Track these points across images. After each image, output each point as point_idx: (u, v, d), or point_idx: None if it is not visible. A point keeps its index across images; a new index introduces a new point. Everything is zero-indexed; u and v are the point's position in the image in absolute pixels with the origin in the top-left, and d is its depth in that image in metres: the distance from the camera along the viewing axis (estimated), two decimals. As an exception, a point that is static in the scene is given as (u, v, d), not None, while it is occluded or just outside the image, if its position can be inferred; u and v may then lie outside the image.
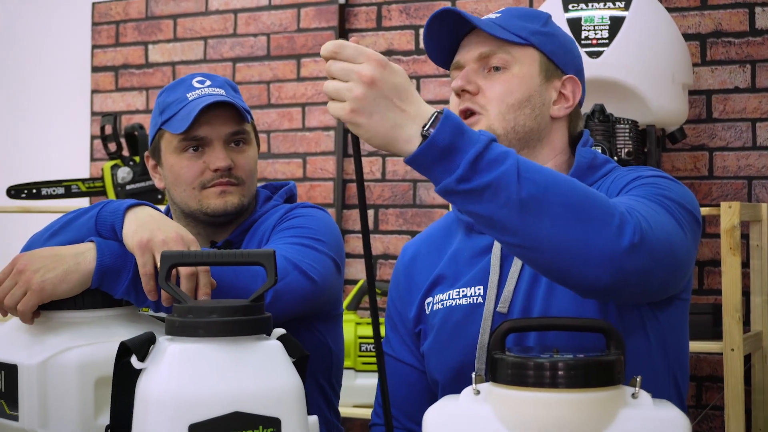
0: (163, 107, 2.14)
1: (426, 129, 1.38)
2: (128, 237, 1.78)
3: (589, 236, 1.42)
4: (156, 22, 4.35)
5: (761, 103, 3.44)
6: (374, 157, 3.94)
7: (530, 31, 1.81)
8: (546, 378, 1.37)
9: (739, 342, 2.93)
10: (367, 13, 4.00)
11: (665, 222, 1.56)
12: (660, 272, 1.53)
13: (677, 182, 1.72)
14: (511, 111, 1.79)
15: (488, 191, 1.38)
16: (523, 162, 1.41)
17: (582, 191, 1.44)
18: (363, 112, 1.38)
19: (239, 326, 1.49)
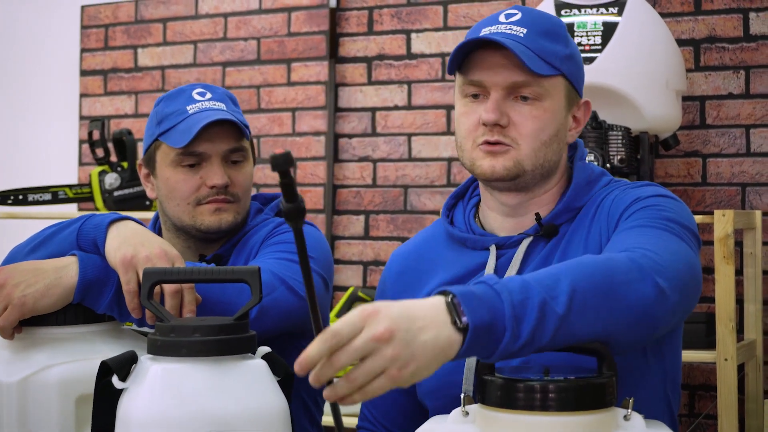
0: (161, 117, 2.10)
1: (457, 321, 1.30)
2: (111, 253, 1.76)
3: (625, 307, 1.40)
4: (145, 26, 4.32)
5: (755, 109, 3.41)
6: (365, 163, 3.92)
7: (560, 58, 1.73)
8: (536, 400, 1.35)
9: (733, 352, 2.90)
10: (358, 17, 3.97)
11: (675, 248, 1.55)
12: (690, 297, 1.54)
13: (674, 198, 1.70)
14: (542, 148, 1.73)
15: (538, 331, 1.34)
16: (543, 279, 1.37)
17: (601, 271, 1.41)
18: (407, 362, 1.26)
19: (223, 345, 1.48)
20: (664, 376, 1.72)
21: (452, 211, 1.88)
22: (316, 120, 4.01)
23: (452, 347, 1.29)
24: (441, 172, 3.81)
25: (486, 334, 1.31)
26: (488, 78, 1.72)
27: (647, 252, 1.48)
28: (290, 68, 4.07)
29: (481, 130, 1.73)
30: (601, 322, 1.39)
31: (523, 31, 1.72)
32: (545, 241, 1.75)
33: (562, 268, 1.41)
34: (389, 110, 3.90)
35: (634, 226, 1.61)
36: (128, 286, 1.72)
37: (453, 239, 1.84)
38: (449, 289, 1.32)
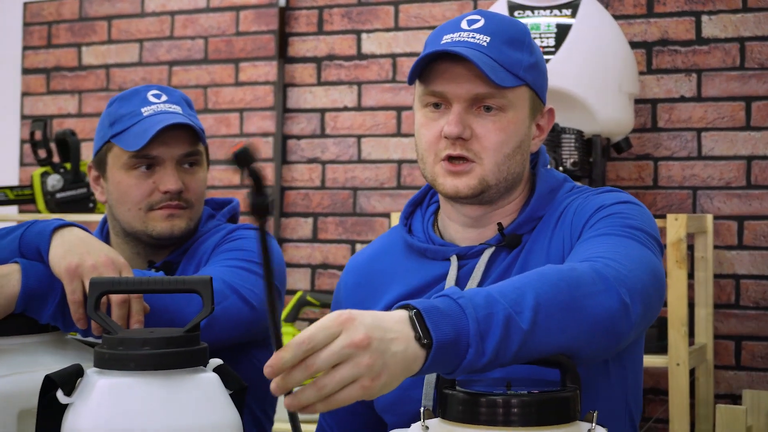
0: (114, 119, 2.04)
1: (421, 337, 1.25)
2: (56, 262, 1.70)
3: (589, 319, 1.38)
4: (90, 24, 4.25)
5: (707, 112, 3.42)
6: (314, 164, 3.87)
7: (525, 67, 1.68)
8: (499, 415, 1.31)
9: (685, 357, 2.90)
10: (308, 16, 3.93)
11: (639, 255, 1.52)
12: (654, 307, 1.53)
13: (637, 203, 1.67)
14: (505, 161, 1.69)
15: (502, 348, 1.31)
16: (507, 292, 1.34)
17: (565, 283, 1.38)
18: (379, 372, 1.22)
19: (173, 359, 1.42)
20: (625, 387, 1.70)
21: (410, 219, 1.83)
22: (265, 121, 3.97)
23: (416, 362, 1.26)
24: (391, 174, 3.78)
25: (450, 351, 1.27)
26: (450, 90, 1.67)
27: (611, 262, 1.45)
28: (238, 68, 4.02)
29: (443, 144, 1.68)
30: (566, 335, 1.36)
31: (487, 39, 1.67)
32: (507, 251, 1.71)
33: (526, 280, 1.37)
34: (339, 111, 3.87)
35: (598, 234, 1.58)
36: (73, 296, 1.67)
37: (411, 249, 1.79)
38: (412, 303, 1.28)
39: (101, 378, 1.41)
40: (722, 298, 3.38)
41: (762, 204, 3.35)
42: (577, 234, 1.64)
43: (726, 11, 3.40)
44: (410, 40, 3.78)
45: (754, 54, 3.37)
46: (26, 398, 1.56)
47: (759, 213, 3.35)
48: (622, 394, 1.69)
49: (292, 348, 1.20)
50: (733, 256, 3.37)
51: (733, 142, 3.39)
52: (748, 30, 3.38)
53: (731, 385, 3.37)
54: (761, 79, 3.36)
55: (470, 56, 1.62)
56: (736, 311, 3.37)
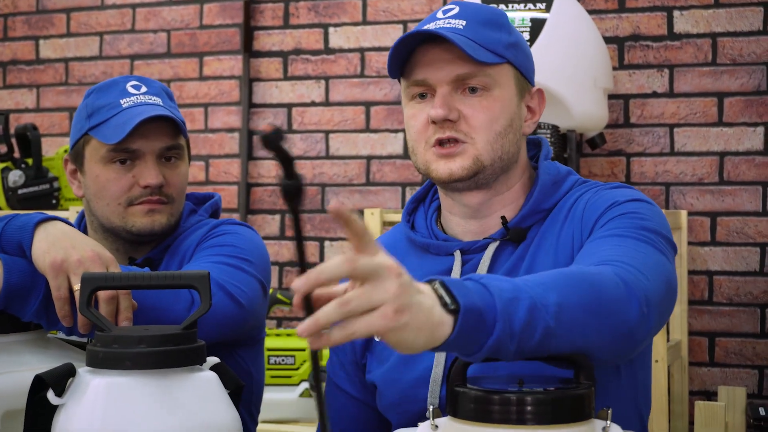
0: (91, 110, 1.97)
1: (448, 303, 1.20)
2: (39, 257, 1.65)
3: (610, 326, 1.36)
4: (48, 16, 4.18)
5: (679, 108, 3.42)
6: (281, 160, 3.82)
7: (504, 45, 1.66)
8: (512, 414, 1.27)
9: (664, 354, 2.89)
10: (273, 10, 3.89)
11: (656, 263, 1.50)
12: (667, 314, 1.52)
13: (649, 202, 1.64)
14: (498, 140, 1.66)
15: (527, 332, 1.26)
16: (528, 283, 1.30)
17: (588, 285, 1.35)
18: (404, 308, 1.13)
19: (171, 357, 1.39)
20: (636, 388, 1.68)
21: (413, 215, 1.79)
22: (230, 116, 3.92)
23: (443, 327, 1.18)
24: (360, 170, 3.75)
25: (476, 321, 1.21)
26: (432, 75, 1.65)
27: (632, 269, 1.43)
28: (202, 62, 3.97)
29: (431, 129, 1.66)
30: (585, 336, 1.33)
31: (463, 23, 1.65)
32: (513, 246, 1.67)
33: (549, 277, 1.34)
34: (306, 106, 3.83)
35: (613, 234, 1.55)
36: (59, 293, 1.61)
37: (415, 245, 1.75)
38: (434, 278, 1.23)
39: (95, 378, 1.37)
40: (696, 294, 3.39)
41: (735, 200, 3.36)
42: (588, 230, 1.60)
43: (697, 6, 3.41)
44: (378, 34, 3.75)
45: (726, 49, 3.38)
46: (11, 399, 1.52)
47: (732, 209, 3.36)
48: (632, 394, 1.67)
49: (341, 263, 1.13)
50: (706, 252, 3.38)
51: (706, 138, 3.39)
52: (719, 25, 3.39)
53: (705, 381, 3.38)
54: (733, 75, 3.37)
55: (447, 35, 1.60)
56: (709, 307, 3.38)
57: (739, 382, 3.32)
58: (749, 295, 3.34)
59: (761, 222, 3.33)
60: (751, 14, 3.36)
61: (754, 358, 3.34)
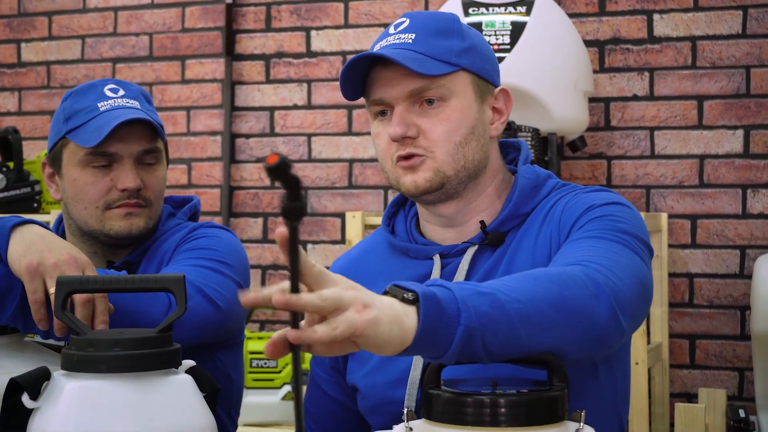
0: (69, 114, 1.97)
1: (404, 296, 1.23)
2: (15, 260, 1.64)
3: (578, 326, 1.37)
4: (29, 19, 4.18)
5: (659, 111, 3.45)
6: (263, 163, 3.82)
7: (456, 53, 1.66)
8: (486, 416, 1.28)
9: (644, 356, 2.91)
10: (255, 13, 3.90)
11: (630, 264, 1.51)
12: (641, 315, 1.52)
13: (627, 205, 1.65)
14: (459, 150, 1.66)
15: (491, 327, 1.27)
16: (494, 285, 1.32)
17: (557, 285, 1.36)
18: (369, 303, 1.18)
19: (146, 360, 1.38)
20: (615, 390, 1.69)
21: (393, 220, 1.80)
22: (212, 119, 3.93)
23: (409, 317, 1.21)
24: (342, 173, 3.76)
25: (438, 310, 1.23)
26: (387, 93, 1.67)
27: (603, 269, 1.43)
28: (185, 65, 3.98)
29: (394, 147, 1.68)
30: (554, 334, 1.34)
31: (412, 36, 1.67)
32: (491, 250, 1.68)
33: (515, 279, 1.36)
34: (288, 110, 3.84)
35: (588, 236, 1.55)
36: (35, 296, 1.61)
37: (395, 249, 1.76)
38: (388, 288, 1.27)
39: (70, 381, 1.36)
40: (676, 296, 3.41)
41: (715, 203, 3.38)
42: (565, 233, 1.61)
43: (677, 10, 3.43)
44: (360, 37, 3.77)
45: (705, 53, 3.40)
46: None
47: (712, 212, 3.39)
48: (611, 395, 1.68)
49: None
50: (686, 254, 3.41)
51: (686, 141, 3.42)
52: (699, 29, 3.41)
53: (686, 383, 3.40)
54: (713, 78, 3.39)
55: (391, 55, 1.62)
56: (690, 310, 3.40)
57: (719, 384, 3.35)
58: (729, 297, 3.37)
59: (741, 224, 3.36)
60: (731, 18, 3.38)
61: (735, 360, 3.36)
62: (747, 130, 3.36)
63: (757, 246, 3.34)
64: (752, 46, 3.36)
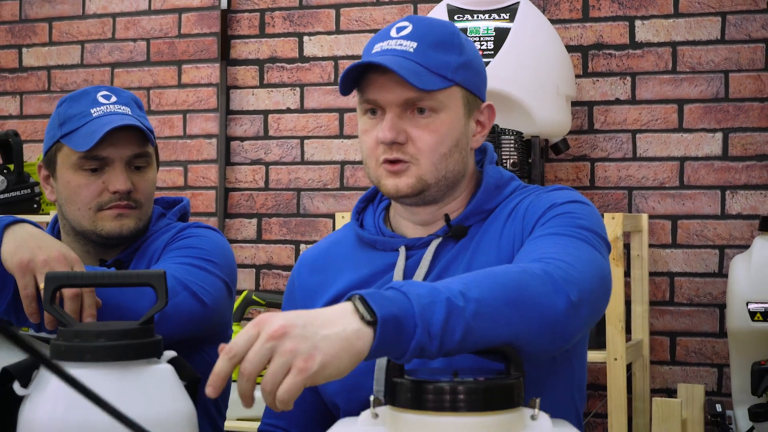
0: (63, 119, 2.05)
1: (365, 315, 1.30)
2: (7, 257, 1.72)
3: (536, 317, 1.43)
4: (30, 25, 4.24)
5: (641, 114, 3.50)
6: (257, 166, 3.90)
7: (453, 68, 1.72)
8: (446, 401, 1.34)
9: (622, 351, 2.97)
10: (249, 19, 3.95)
11: (588, 257, 1.57)
12: (601, 308, 1.58)
13: (586, 202, 1.72)
14: (442, 161, 1.73)
15: (447, 331, 1.35)
16: (449, 285, 1.39)
17: (511, 281, 1.43)
18: (310, 353, 1.26)
19: (128, 350, 1.44)
20: (571, 382, 1.75)
21: (362, 214, 1.88)
22: (208, 122, 3.99)
23: (362, 340, 1.29)
24: (334, 175, 3.82)
25: (396, 329, 1.31)
26: (381, 97, 1.71)
27: (562, 264, 1.50)
28: (181, 70, 4.03)
29: (381, 149, 1.73)
30: (511, 329, 1.40)
31: (413, 45, 1.71)
32: (454, 242, 1.76)
33: (472, 276, 1.42)
34: (282, 113, 3.90)
35: (549, 233, 1.62)
36: (26, 291, 1.69)
37: (362, 242, 1.84)
38: (355, 293, 1.33)
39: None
40: (657, 295, 3.46)
41: (695, 204, 3.44)
42: (528, 229, 1.68)
43: (658, 16, 3.49)
44: (351, 43, 3.83)
45: (685, 58, 3.47)
46: None
47: (692, 212, 3.44)
48: (568, 390, 1.74)
49: (220, 360, 1.28)
50: (667, 254, 3.46)
51: (667, 144, 3.48)
52: (679, 35, 3.47)
53: (666, 379, 3.46)
54: (693, 83, 3.45)
55: (393, 66, 1.66)
56: (670, 308, 3.46)
57: (699, 380, 3.41)
58: (709, 295, 3.43)
59: (720, 225, 3.42)
60: (710, 24, 3.44)
61: (714, 357, 3.42)
62: (726, 133, 3.42)
63: (735, 246, 3.39)
64: (731, 52, 3.42)
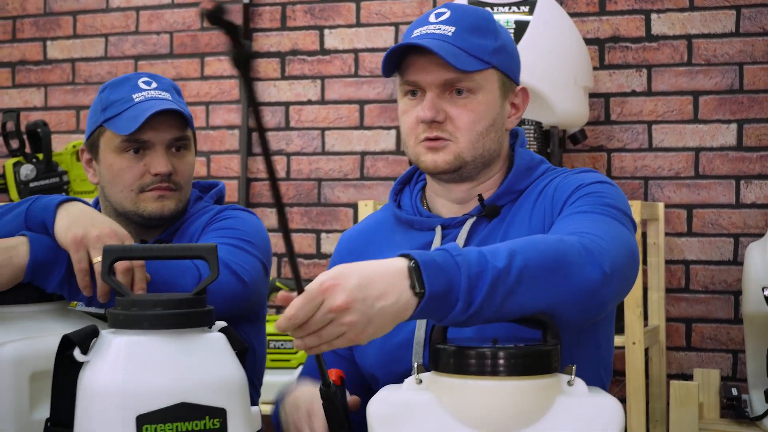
0: (106, 104, 2.11)
1: (416, 286, 1.39)
2: (61, 233, 1.77)
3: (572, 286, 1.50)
4: (55, 18, 4.28)
5: (657, 106, 3.55)
6: (279, 156, 3.96)
7: (490, 52, 1.80)
8: (487, 366, 1.41)
9: (640, 336, 3.03)
10: (271, 12, 4.01)
11: (618, 233, 1.64)
12: (630, 281, 1.65)
13: (612, 183, 1.80)
14: (480, 139, 1.81)
15: (487, 303, 1.43)
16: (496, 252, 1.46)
17: (551, 250, 1.50)
18: (364, 328, 1.38)
19: (184, 318, 1.50)
20: (598, 358, 1.82)
21: (399, 196, 1.96)
22: (230, 114, 4.03)
23: (408, 310, 1.40)
24: (354, 165, 3.88)
25: (440, 302, 1.40)
26: (422, 78, 1.80)
27: (596, 238, 1.57)
28: (204, 62, 4.08)
29: (421, 128, 1.82)
30: (548, 296, 1.47)
31: (452, 29, 1.80)
32: (487, 221, 1.83)
33: (517, 244, 1.49)
34: (303, 105, 3.95)
35: (579, 211, 1.70)
36: (80, 265, 1.74)
37: (400, 222, 1.92)
38: (411, 254, 1.41)
39: (117, 337, 1.47)
40: (673, 282, 3.51)
41: (709, 193, 3.49)
42: (558, 209, 1.76)
43: (674, 10, 3.54)
44: (371, 35, 3.88)
45: (700, 50, 3.51)
46: (37, 361, 1.63)
47: (707, 201, 3.49)
48: (595, 363, 1.81)
49: (282, 320, 1.37)
50: (683, 242, 3.51)
51: (682, 135, 3.52)
52: (694, 28, 3.52)
53: (682, 365, 3.50)
54: (708, 75, 3.50)
55: (433, 47, 1.75)
56: (686, 295, 3.50)
57: (714, 366, 3.45)
58: (724, 283, 3.48)
59: (734, 214, 3.47)
60: (724, 17, 3.49)
61: (729, 343, 3.47)
62: (740, 124, 3.46)
63: (749, 234, 3.43)
64: (745, 44, 3.47)
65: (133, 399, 1.43)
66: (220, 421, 1.46)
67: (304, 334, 1.38)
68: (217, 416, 1.46)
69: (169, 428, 1.43)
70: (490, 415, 1.40)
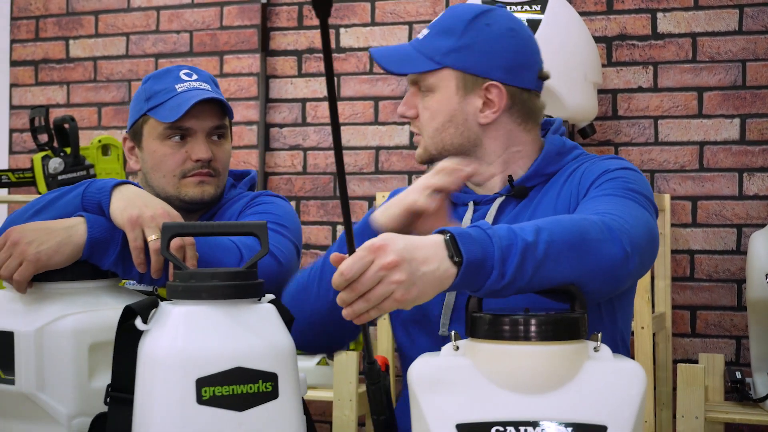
0: (149, 94, 2.21)
1: (454, 256, 1.48)
2: (117, 214, 1.86)
3: (595, 261, 1.59)
4: (77, 18, 4.34)
5: (662, 101, 3.62)
6: (295, 151, 4.04)
7: (444, 52, 1.91)
8: (520, 332, 1.50)
9: (649, 321, 3.12)
10: (288, 12, 4.06)
11: (639, 215, 1.74)
12: (649, 260, 1.74)
13: (635, 170, 1.90)
14: (437, 133, 1.95)
15: (519, 272, 1.52)
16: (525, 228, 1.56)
17: (575, 227, 1.59)
18: (410, 288, 1.45)
19: (238, 290, 1.58)
20: (615, 335, 1.91)
21: None
22: (249, 110, 4.09)
23: (448, 279, 1.49)
24: (369, 160, 3.94)
25: (477, 270, 1.50)
26: (408, 76, 1.98)
27: (617, 218, 1.66)
28: (223, 60, 4.14)
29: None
30: (573, 270, 1.57)
31: (426, 32, 1.96)
32: (516, 201, 1.94)
33: (544, 222, 1.60)
34: (319, 101, 4.00)
35: (604, 194, 1.80)
36: (135, 243, 1.83)
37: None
38: (446, 229, 1.51)
39: (176, 307, 1.55)
40: (678, 271, 3.57)
41: (713, 185, 3.56)
42: (584, 192, 1.86)
43: (679, 9, 3.61)
44: (386, 34, 3.94)
45: (705, 48, 3.58)
46: (95, 333, 1.72)
47: (711, 193, 3.56)
48: (612, 337, 1.90)
49: (337, 276, 1.46)
50: (688, 233, 3.58)
51: (687, 129, 3.59)
52: (699, 26, 3.59)
53: (687, 350, 3.57)
54: (712, 72, 3.57)
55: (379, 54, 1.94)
56: (691, 283, 3.57)
57: (718, 351, 3.52)
58: (727, 271, 3.54)
59: (738, 205, 3.54)
60: (728, 15, 3.56)
61: (732, 329, 3.53)
62: (743, 119, 3.53)
63: (752, 224, 3.50)
64: (748, 42, 3.54)
65: (192, 364, 1.50)
66: (272, 385, 1.53)
67: (355, 296, 1.45)
68: (270, 380, 1.54)
69: (226, 390, 1.50)
70: (524, 378, 1.48)
